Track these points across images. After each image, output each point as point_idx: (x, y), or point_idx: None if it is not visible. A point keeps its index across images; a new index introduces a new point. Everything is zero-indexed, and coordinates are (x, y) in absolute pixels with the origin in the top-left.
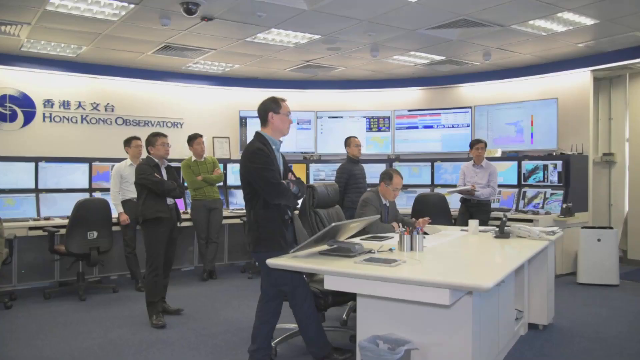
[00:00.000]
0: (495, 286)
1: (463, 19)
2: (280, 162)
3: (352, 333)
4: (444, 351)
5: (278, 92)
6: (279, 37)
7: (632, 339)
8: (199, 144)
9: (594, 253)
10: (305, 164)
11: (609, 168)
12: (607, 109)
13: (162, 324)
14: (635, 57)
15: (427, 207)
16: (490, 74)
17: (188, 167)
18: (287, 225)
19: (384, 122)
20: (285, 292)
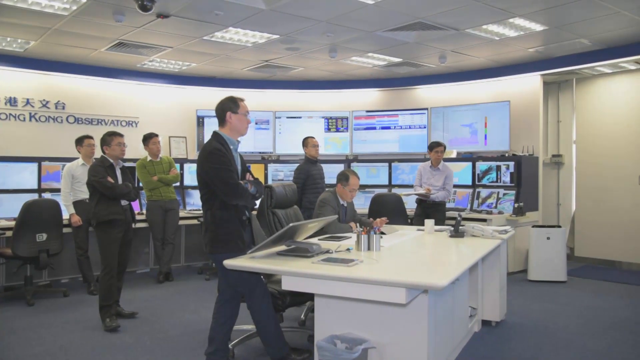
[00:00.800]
0: (449, 284)
1: (419, 22)
2: (238, 162)
3: (310, 333)
4: (400, 349)
5: (236, 91)
6: (237, 36)
7: (579, 332)
8: (154, 144)
9: (543, 251)
10: (264, 164)
11: (557, 169)
12: (556, 112)
13: (116, 326)
14: (581, 63)
15: (384, 207)
16: (446, 77)
17: (143, 167)
18: (244, 225)
19: (342, 123)
20: (243, 293)
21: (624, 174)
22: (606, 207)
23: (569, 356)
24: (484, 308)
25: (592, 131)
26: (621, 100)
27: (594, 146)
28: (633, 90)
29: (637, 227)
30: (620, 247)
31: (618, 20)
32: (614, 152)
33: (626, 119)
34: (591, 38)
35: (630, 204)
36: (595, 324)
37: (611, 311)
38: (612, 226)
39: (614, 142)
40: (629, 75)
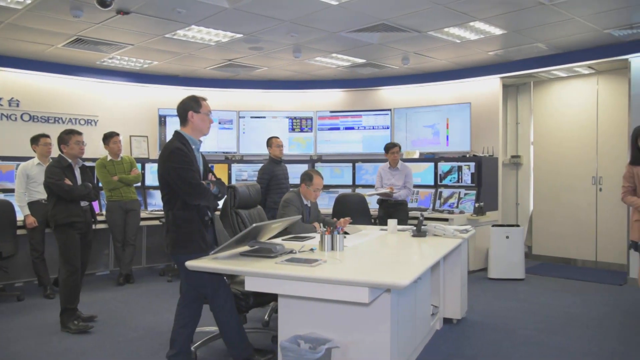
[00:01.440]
0: (412, 283)
1: (383, 23)
2: (200, 162)
3: (274, 334)
4: (363, 348)
5: (199, 90)
6: (200, 35)
7: (537, 329)
8: (115, 143)
9: (502, 250)
10: (227, 164)
11: (516, 169)
12: (515, 114)
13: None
14: (538, 67)
15: (348, 207)
16: (409, 78)
17: (103, 166)
18: (207, 226)
19: (307, 123)
20: (206, 295)
21: (578, 175)
22: (562, 206)
23: (527, 352)
24: (445, 306)
25: (549, 133)
26: (576, 103)
27: (550, 147)
28: (586, 93)
29: (592, 225)
30: (576, 245)
31: (572, 27)
32: (569, 153)
33: (580, 121)
34: (547, 43)
35: (585, 203)
36: (552, 320)
37: (567, 307)
38: (567, 225)
39: (569, 144)
40: (582, 79)
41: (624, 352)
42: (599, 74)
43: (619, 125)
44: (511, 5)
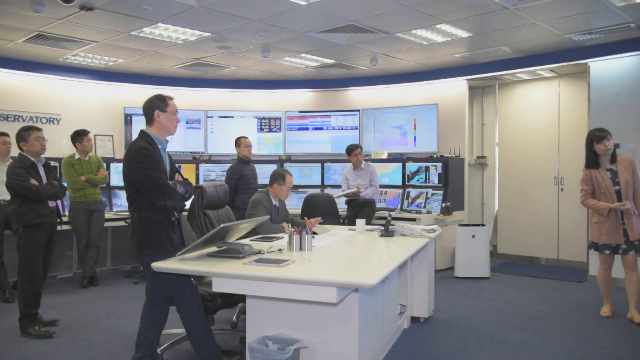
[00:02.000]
0: (379, 283)
1: (351, 24)
2: (167, 162)
3: (242, 335)
4: (332, 348)
5: (166, 89)
6: (167, 33)
7: (501, 326)
8: (88, 141)
9: (469, 249)
10: (195, 164)
11: (482, 170)
12: (481, 116)
13: (47, 332)
14: (503, 69)
15: (317, 207)
16: (378, 79)
17: (70, 165)
18: (173, 227)
19: (275, 123)
20: (172, 297)
21: (541, 175)
22: (526, 206)
23: (492, 349)
24: (413, 305)
25: (513, 134)
26: (538, 106)
27: (514, 148)
28: (549, 96)
29: (554, 225)
30: (539, 244)
31: (535, 31)
32: (532, 154)
33: (543, 122)
34: (511, 46)
35: (547, 203)
36: (516, 317)
37: (530, 305)
38: (531, 224)
39: (533, 145)
40: (545, 82)
41: (583, 346)
42: (561, 77)
43: (579, 127)
44: (477, 9)
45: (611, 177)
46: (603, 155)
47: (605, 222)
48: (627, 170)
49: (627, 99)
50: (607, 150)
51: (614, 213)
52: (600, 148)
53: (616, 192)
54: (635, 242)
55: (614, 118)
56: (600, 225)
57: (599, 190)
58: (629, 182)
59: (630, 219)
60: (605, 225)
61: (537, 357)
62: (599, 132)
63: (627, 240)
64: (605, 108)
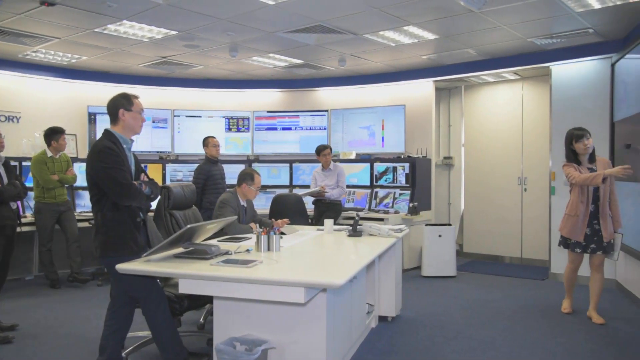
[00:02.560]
0: (347, 282)
1: (319, 25)
2: (132, 161)
3: (209, 337)
4: (300, 348)
5: (132, 87)
6: (132, 30)
7: (467, 323)
8: (64, 140)
9: (435, 248)
10: (162, 164)
11: (448, 170)
12: (447, 117)
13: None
14: (469, 71)
15: (285, 207)
16: (346, 80)
17: (43, 163)
18: (139, 227)
19: (243, 123)
20: (138, 299)
21: (505, 175)
22: (490, 205)
23: (457, 346)
24: (380, 304)
25: (479, 135)
26: (503, 107)
27: (480, 149)
28: (513, 98)
29: (517, 224)
30: (503, 242)
31: (499, 34)
32: (497, 154)
33: (507, 124)
34: (477, 49)
35: (511, 203)
36: (481, 315)
37: (495, 302)
38: (495, 223)
39: (497, 146)
40: (509, 85)
41: (545, 342)
42: (524, 80)
43: (541, 129)
44: (443, 11)
45: None
46: (582, 154)
47: (573, 217)
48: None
49: (586, 101)
50: (586, 149)
51: (585, 211)
52: (580, 147)
53: (594, 191)
54: (605, 244)
55: (575, 120)
56: (573, 219)
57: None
58: (607, 182)
59: (605, 220)
60: (573, 220)
61: (501, 354)
62: (577, 131)
63: (599, 240)
64: (566, 110)
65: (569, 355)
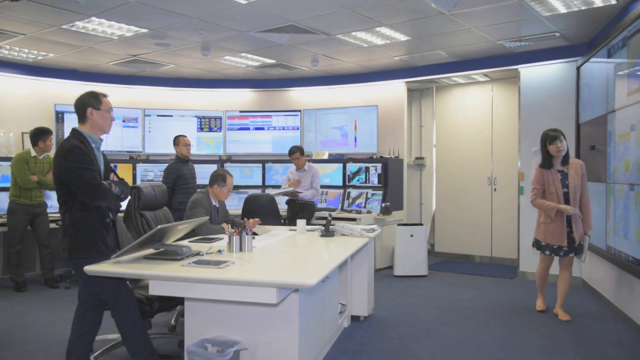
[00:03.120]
0: (320, 282)
1: (292, 24)
2: (101, 161)
3: (180, 338)
4: (272, 348)
5: (101, 86)
6: (101, 28)
7: (437, 322)
8: (51, 141)
9: (407, 248)
10: (132, 164)
11: (420, 171)
12: (419, 118)
13: None
14: (440, 73)
15: (257, 207)
16: (319, 80)
17: (25, 162)
18: (108, 228)
19: (216, 123)
20: (107, 301)
21: (476, 176)
22: (461, 205)
23: (429, 344)
24: (353, 304)
25: (450, 136)
26: (473, 109)
27: (451, 150)
28: (482, 100)
29: (487, 224)
30: (473, 242)
31: (469, 36)
32: (467, 155)
33: (477, 125)
34: (448, 51)
35: (481, 203)
36: (452, 313)
37: (466, 301)
38: (466, 223)
39: (468, 147)
40: (479, 86)
41: (513, 339)
42: (494, 82)
43: (510, 130)
44: (414, 13)
45: (561, 178)
46: (555, 156)
47: (551, 223)
48: (577, 173)
49: (553, 103)
50: (559, 152)
51: (561, 216)
52: (552, 149)
53: (564, 194)
54: (576, 246)
55: (542, 122)
56: (547, 226)
57: (548, 190)
58: (578, 185)
59: (576, 222)
60: (551, 226)
61: (471, 351)
62: (552, 133)
63: (571, 243)
64: (534, 112)
65: (538, 351)
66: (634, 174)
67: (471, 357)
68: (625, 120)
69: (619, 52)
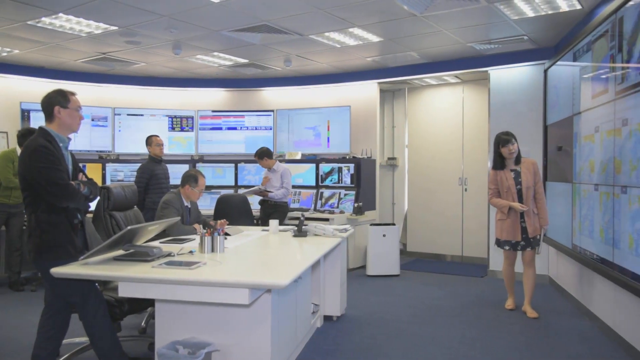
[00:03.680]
0: (292, 283)
1: (265, 24)
2: (69, 161)
3: (151, 341)
4: (245, 349)
5: (69, 84)
6: (69, 24)
7: (409, 321)
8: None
9: (380, 247)
10: (102, 164)
11: (392, 171)
12: (391, 118)
13: None
14: (412, 74)
15: (230, 208)
16: (292, 80)
17: (10, 161)
18: (76, 230)
19: (188, 122)
20: (74, 304)
21: (447, 176)
22: (433, 205)
23: (400, 343)
24: (325, 304)
25: (421, 136)
26: (445, 110)
27: (422, 150)
28: (454, 101)
29: (458, 223)
30: (444, 241)
31: (440, 38)
32: (439, 155)
33: (448, 126)
34: (419, 52)
35: (452, 203)
36: (423, 312)
37: (437, 300)
38: (437, 223)
39: (439, 147)
40: (450, 88)
41: (483, 336)
42: (464, 84)
43: (481, 131)
44: (387, 14)
45: (514, 177)
46: (507, 157)
47: (506, 220)
48: (529, 171)
49: (521, 105)
50: (511, 154)
51: (514, 212)
52: (505, 151)
53: (518, 191)
54: (531, 239)
55: (511, 123)
56: (502, 223)
57: (503, 189)
58: (530, 182)
59: (529, 217)
60: (506, 223)
61: (442, 349)
62: (504, 136)
63: (526, 237)
64: (503, 113)
65: (506, 348)
66: (598, 175)
67: (442, 355)
68: (590, 122)
69: (584, 55)
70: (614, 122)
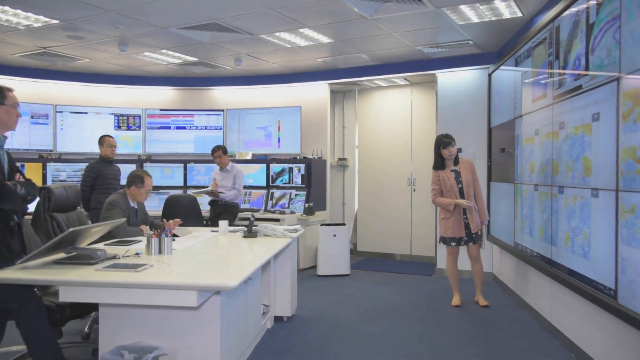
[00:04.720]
0: (242, 284)
1: (214, 22)
2: (5, 160)
3: (94, 347)
4: (193, 352)
5: (6, 79)
6: (5, 16)
7: (359, 320)
8: None
9: (330, 247)
10: (42, 164)
11: (343, 171)
12: (342, 119)
13: None
14: (362, 76)
15: (179, 208)
16: (242, 80)
17: None
18: (12, 232)
19: (135, 121)
20: (11, 310)
21: (396, 176)
22: (383, 205)
23: (350, 342)
24: (276, 304)
25: (371, 137)
26: (394, 111)
27: (372, 151)
28: (403, 103)
29: (407, 223)
30: (394, 241)
31: (389, 41)
32: (388, 156)
33: (398, 127)
34: (369, 54)
35: (402, 202)
36: (373, 311)
37: (386, 299)
38: (387, 222)
39: (389, 148)
40: (399, 90)
41: (431, 333)
42: (413, 86)
43: (429, 132)
44: (337, 16)
45: (455, 177)
46: (447, 159)
47: (450, 218)
48: (468, 170)
49: (467, 108)
50: (450, 155)
51: (458, 209)
52: (445, 153)
53: (459, 190)
54: (473, 235)
55: (457, 125)
56: (447, 221)
57: (445, 188)
58: (470, 181)
59: (471, 213)
60: (451, 220)
61: (391, 347)
62: (445, 138)
63: (469, 232)
64: (450, 115)
65: (453, 343)
66: (538, 175)
67: (392, 352)
68: (531, 125)
69: (525, 61)
70: (552, 125)
